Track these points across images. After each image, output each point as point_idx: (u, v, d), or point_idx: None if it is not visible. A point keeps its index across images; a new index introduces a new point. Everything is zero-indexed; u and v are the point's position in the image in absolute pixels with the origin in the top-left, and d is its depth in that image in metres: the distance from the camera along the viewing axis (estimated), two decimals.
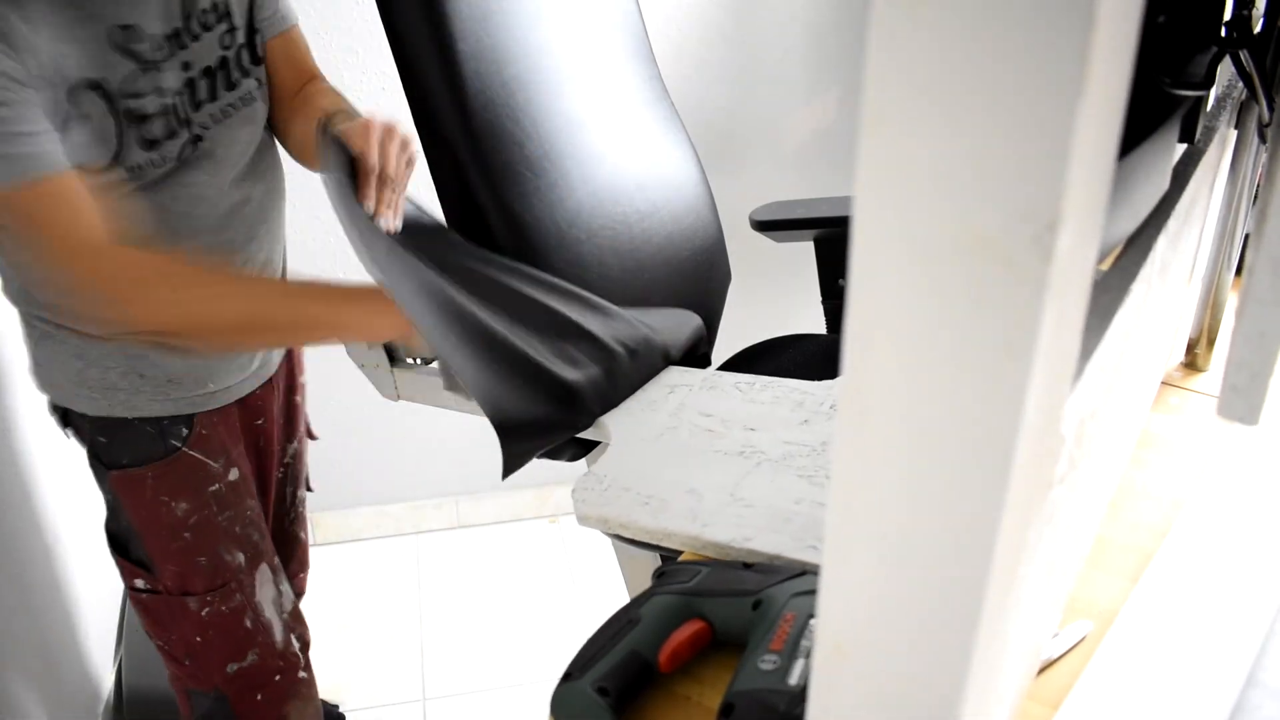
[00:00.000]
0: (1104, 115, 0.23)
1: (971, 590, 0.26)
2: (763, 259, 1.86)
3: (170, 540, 1.08)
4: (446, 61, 1.02)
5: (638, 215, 1.20)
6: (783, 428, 0.85)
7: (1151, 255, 0.55)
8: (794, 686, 0.54)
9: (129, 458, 1.06)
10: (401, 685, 1.82)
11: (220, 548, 1.10)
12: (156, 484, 1.06)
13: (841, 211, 1.42)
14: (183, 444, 1.07)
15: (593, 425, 0.91)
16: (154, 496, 1.06)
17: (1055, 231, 0.22)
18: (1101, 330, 0.45)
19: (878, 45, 0.22)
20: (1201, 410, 0.94)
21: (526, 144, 1.08)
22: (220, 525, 1.10)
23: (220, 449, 1.10)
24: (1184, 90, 0.60)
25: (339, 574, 2.12)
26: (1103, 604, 0.68)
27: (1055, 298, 0.23)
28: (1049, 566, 0.46)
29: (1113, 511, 0.78)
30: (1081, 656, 0.64)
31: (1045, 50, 0.21)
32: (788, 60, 2.00)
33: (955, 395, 0.24)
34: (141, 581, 1.10)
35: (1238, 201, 0.94)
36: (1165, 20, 0.49)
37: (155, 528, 1.07)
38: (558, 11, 1.16)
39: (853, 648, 0.29)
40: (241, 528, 1.12)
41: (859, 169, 0.24)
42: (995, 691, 0.36)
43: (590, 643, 0.61)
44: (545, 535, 2.23)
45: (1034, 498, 0.31)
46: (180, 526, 1.07)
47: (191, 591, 1.09)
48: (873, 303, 0.25)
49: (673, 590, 0.63)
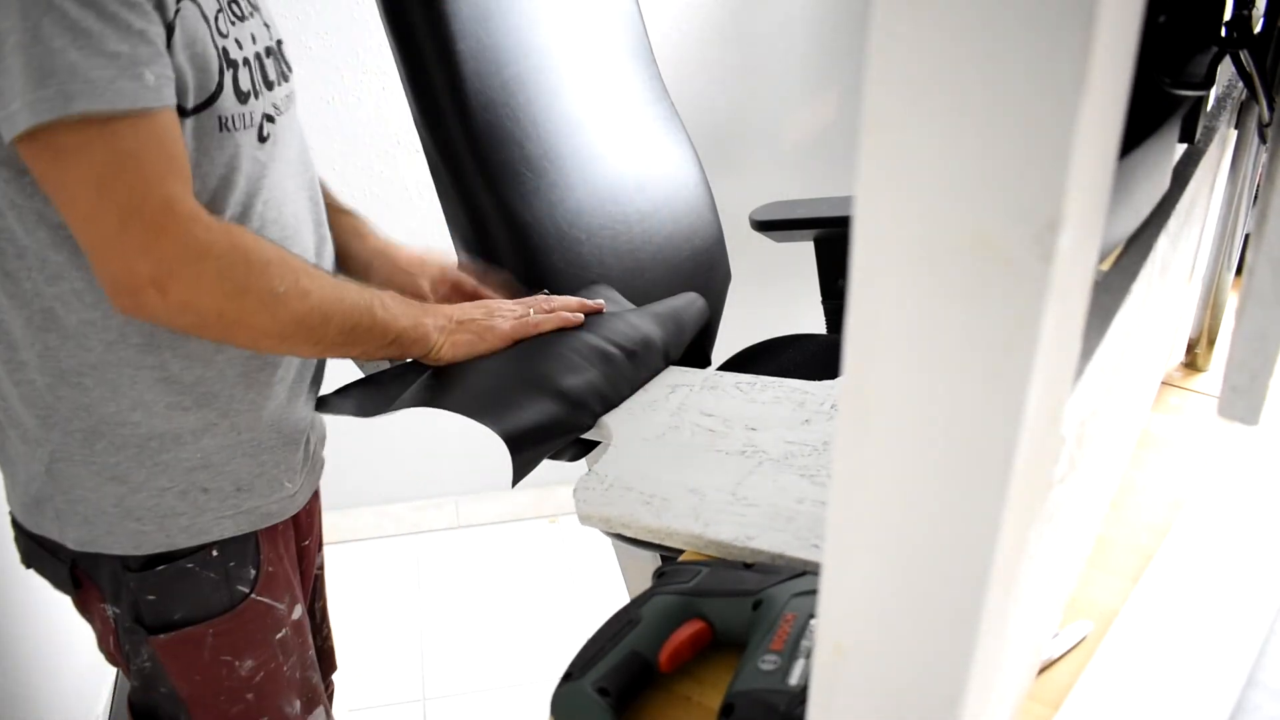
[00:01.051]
0: (1105, 115, 0.23)
1: (972, 590, 0.26)
2: (763, 259, 1.86)
3: (230, 706, 0.89)
4: (446, 61, 1.02)
5: (638, 215, 1.20)
6: (784, 427, 0.85)
7: (1152, 255, 0.55)
8: (794, 687, 0.54)
9: (183, 613, 0.85)
10: (401, 685, 1.82)
11: (282, 702, 0.93)
12: (218, 642, 0.87)
13: (841, 211, 1.42)
14: (251, 589, 0.88)
15: (594, 425, 0.91)
16: (214, 658, 0.87)
17: (1056, 231, 0.22)
18: (1102, 330, 0.45)
19: (878, 45, 0.22)
20: (1201, 410, 0.94)
21: (526, 144, 1.08)
22: (285, 676, 0.92)
23: (286, 585, 0.92)
24: (1184, 90, 0.60)
25: (339, 574, 2.12)
26: (1103, 604, 0.68)
27: (1056, 298, 0.23)
28: (1049, 566, 0.46)
29: (1113, 511, 0.78)
30: (1081, 656, 0.63)
31: (1046, 50, 0.21)
32: (788, 60, 2.00)
33: (956, 395, 0.24)
34: None
35: (1238, 201, 0.94)
36: (1165, 20, 0.49)
37: (211, 696, 0.89)
38: (557, 12, 1.16)
39: (853, 648, 0.29)
40: (303, 672, 0.95)
41: (859, 169, 0.24)
42: (996, 691, 0.36)
43: (590, 643, 0.61)
44: (545, 535, 2.23)
45: (1034, 498, 0.31)
46: (243, 689, 0.89)
47: None
48: (873, 303, 0.25)
49: (673, 590, 0.63)
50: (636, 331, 0.98)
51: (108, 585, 0.86)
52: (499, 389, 0.87)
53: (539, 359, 0.91)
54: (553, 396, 0.87)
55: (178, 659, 0.87)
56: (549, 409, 0.86)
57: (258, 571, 0.88)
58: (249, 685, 0.89)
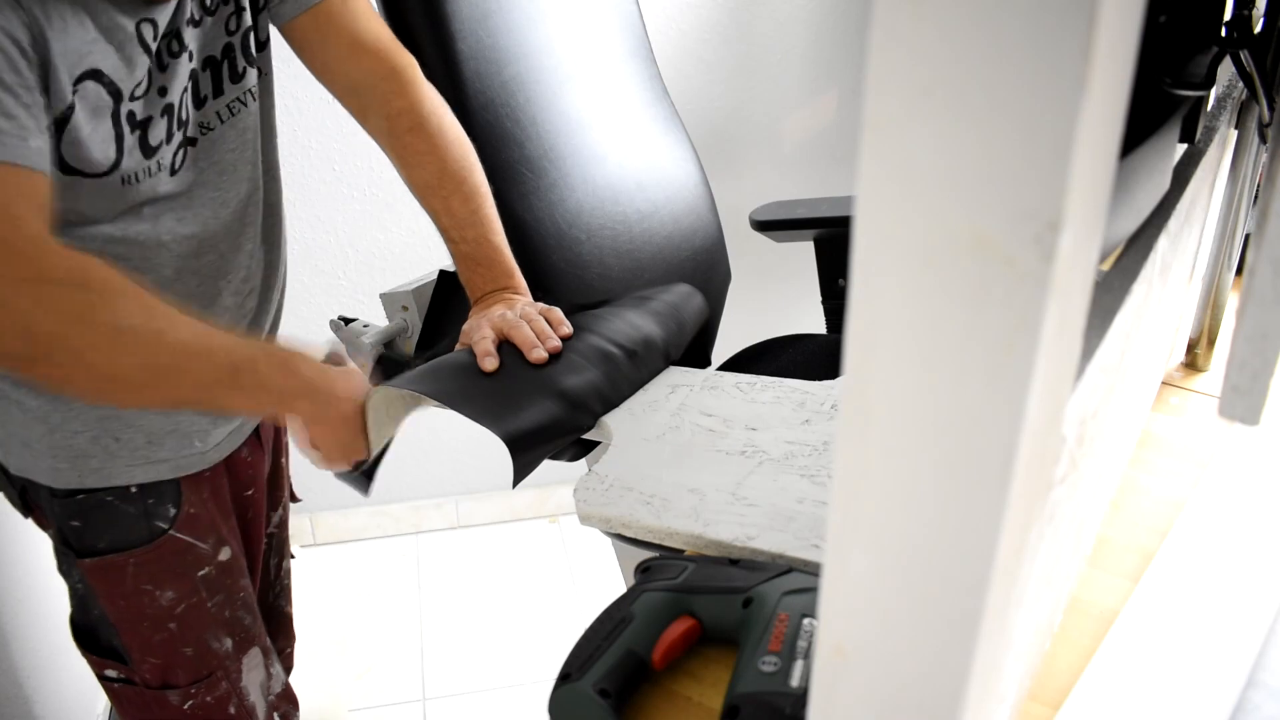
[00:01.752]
0: (1106, 115, 0.23)
1: (973, 590, 0.26)
2: (763, 259, 1.86)
3: (153, 633, 0.95)
4: (447, 61, 1.02)
5: (638, 215, 1.20)
6: (784, 427, 0.85)
7: (1152, 255, 0.55)
8: (796, 689, 0.54)
9: (106, 542, 0.91)
10: (401, 685, 1.82)
11: (208, 635, 0.99)
12: (139, 571, 0.93)
13: (841, 211, 1.42)
14: (170, 525, 0.93)
15: (594, 425, 0.91)
16: (135, 586, 0.93)
17: (1057, 231, 0.22)
18: (1103, 330, 0.45)
19: (878, 45, 0.22)
20: (1202, 410, 0.94)
21: (526, 144, 1.08)
22: (209, 612, 0.98)
23: (210, 527, 0.98)
24: (1185, 90, 0.60)
25: (339, 574, 2.12)
26: (1103, 604, 0.68)
27: (1057, 298, 0.23)
28: (1049, 566, 0.46)
29: (1113, 511, 0.78)
30: (1082, 656, 0.63)
31: (1047, 50, 0.21)
32: (788, 60, 2.00)
33: (957, 395, 0.24)
34: (114, 672, 0.98)
35: (1238, 201, 0.94)
36: (1166, 20, 0.49)
37: (135, 620, 0.95)
38: (557, 11, 1.16)
39: (854, 649, 0.29)
40: (232, 612, 1.01)
41: (860, 169, 0.24)
42: (996, 692, 0.36)
43: (584, 642, 0.61)
44: (545, 535, 2.23)
45: (1035, 498, 0.31)
46: (165, 617, 0.95)
47: (174, 684, 0.98)
48: (874, 303, 0.25)
49: (661, 587, 0.63)
50: (637, 331, 0.98)
51: (46, 508, 0.93)
52: (499, 390, 0.86)
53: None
54: (553, 397, 0.87)
55: (103, 582, 0.92)
56: (549, 409, 0.86)
57: (178, 510, 0.94)
58: (171, 616, 0.95)
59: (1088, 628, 0.66)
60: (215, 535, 0.98)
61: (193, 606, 0.96)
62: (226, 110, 0.88)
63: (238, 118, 0.89)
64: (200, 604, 0.97)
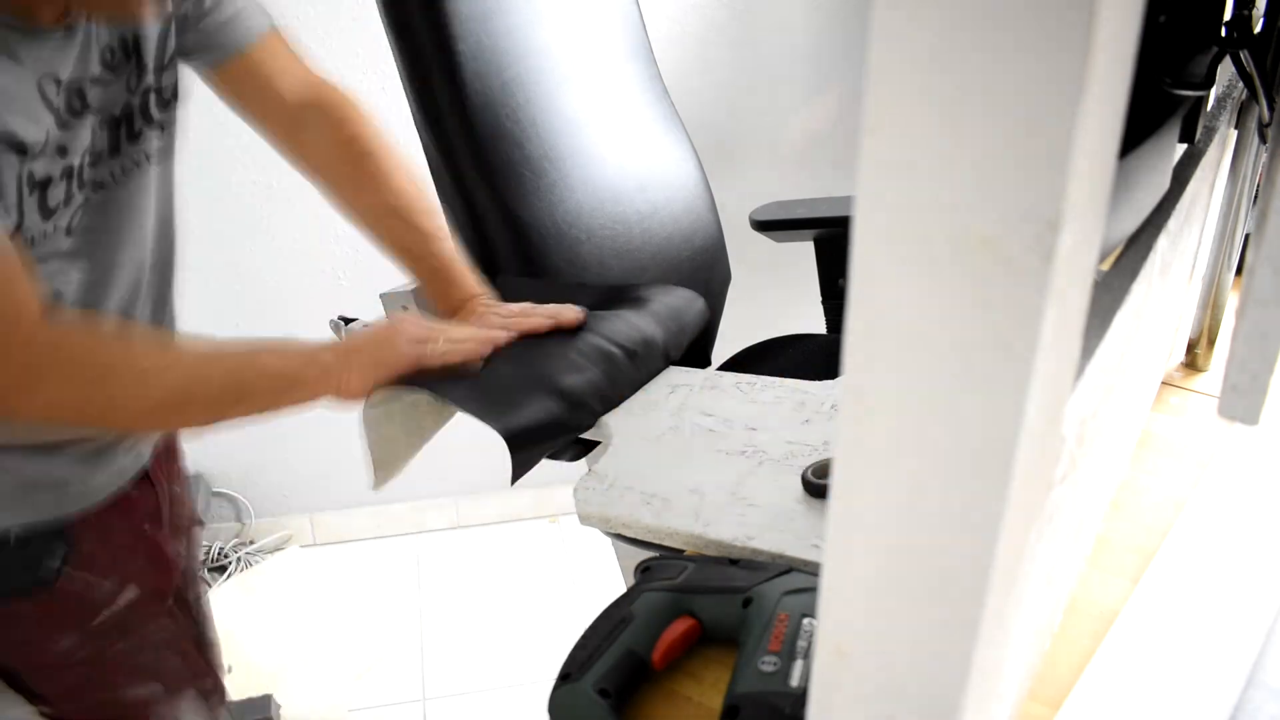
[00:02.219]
0: (1105, 115, 0.23)
1: (973, 591, 0.26)
2: (763, 259, 1.86)
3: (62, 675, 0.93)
4: (447, 62, 1.02)
5: (638, 216, 1.20)
6: (784, 427, 0.85)
7: (1152, 255, 0.55)
8: (796, 689, 0.54)
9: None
10: (401, 685, 1.82)
11: (121, 682, 0.95)
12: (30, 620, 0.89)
13: (841, 211, 1.42)
14: (61, 563, 0.89)
15: (594, 425, 0.91)
16: (27, 636, 0.89)
17: (1056, 231, 0.22)
18: (1102, 330, 0.45)
19: (878, 45, 0.22)
20: (1202, 410, 0.94)
21: (526, 144, 1.08)
22: (119, 659, 0.94)
23: (110, 565, 0.93)
24: (1184, 90, 0.60)
25: (339, 574, 2.12)
26: (1103, 604, 0.68)
27: (1056, 298, 0.23)
28: (1049, 566, 0.46)
29: (1113, 511, 0.78)
30: (1082, 656, 0.64)
31: (1047, 50, 0.21)
32: (788, 60, 2.00)
33: (956, 395, 0.24)
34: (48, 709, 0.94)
35: (1238, 201, 0.94)
36: (1166, 20, 0.49)
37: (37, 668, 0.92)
38: (558, 12, 1.16)
39: (854, 649, 0.29)
40: (152, 656, 0.97)
41: (860, 169, 0.24)
42: (996, 692, 0.36)
43: (584, 642, 0.61)
44: (545, 535, 2.23)
45: (1035, 498, 0.31)
46: (69, 664, 0.91)
47: None
48: (873, 303, 0.25)
49: (661, 587, 0.63)
50: (637, 331, 0.98)
51: None
52: (500, 387, 0.87)
53: (540, 358, 0.91)
54: (553, 395, 0.87)
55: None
56: (549, 408, 0.86)
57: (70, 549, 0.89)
58: (73, 661, 0.92)
59: (1088, 628, 0.66)
60: (115, 577, 0.94)
61: (96, 654, 0.93)
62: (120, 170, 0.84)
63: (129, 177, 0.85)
64: (103, 651, 0.93)
